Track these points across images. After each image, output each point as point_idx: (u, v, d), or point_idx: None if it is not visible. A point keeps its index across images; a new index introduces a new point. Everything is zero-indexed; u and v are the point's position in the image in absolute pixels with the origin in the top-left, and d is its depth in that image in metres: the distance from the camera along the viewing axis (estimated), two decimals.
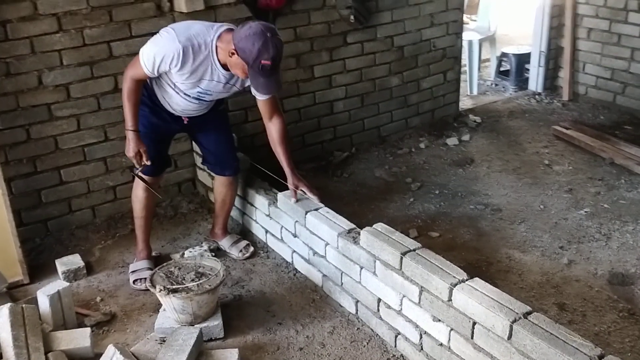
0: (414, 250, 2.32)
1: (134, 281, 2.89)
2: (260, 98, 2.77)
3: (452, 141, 4.46)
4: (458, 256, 3.04)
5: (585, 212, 3.44)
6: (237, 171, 3.11)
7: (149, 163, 2.72)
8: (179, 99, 2.75)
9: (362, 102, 4.35)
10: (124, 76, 2.68)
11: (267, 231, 3.20)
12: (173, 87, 2.70)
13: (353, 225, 2.64)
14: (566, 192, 3.67)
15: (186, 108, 2.81)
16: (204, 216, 3.55)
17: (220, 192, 3.13)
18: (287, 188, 3.02)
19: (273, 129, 2.89)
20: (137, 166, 2.76)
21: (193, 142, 3.65)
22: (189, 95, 2.73)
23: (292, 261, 3.03)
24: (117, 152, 3.44)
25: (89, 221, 3.47)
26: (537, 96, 5.30)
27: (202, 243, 3.23)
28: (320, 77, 4.10)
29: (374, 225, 2.52)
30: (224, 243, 3.18)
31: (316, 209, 2.80)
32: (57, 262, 3.02)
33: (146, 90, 2.79)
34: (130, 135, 2.68)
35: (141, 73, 2.63)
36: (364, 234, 2.47)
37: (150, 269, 2.86)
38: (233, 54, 2.50)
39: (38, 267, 3.06)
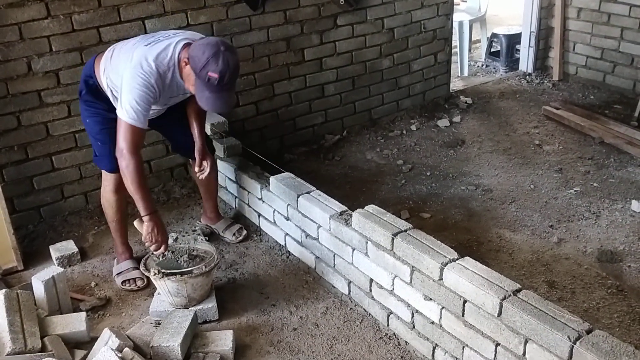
0: (405, 231, 2.34)
1: (123, 282, 2.81)
2: (204, 108, 2.62)
3: (443, 123, 4.47)
4: (449, 236, 3.08)
5: (575, 191, 3.48)
6: (212, 152, 3.04)
7: (166, 253, 2.59)
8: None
9: (353, 84, 4.35)
10: (121, 154, 2.44)
11: (260, 215, 3.22)
12: None
13: (345, 208, 2.66)
14: (556, 172, 3.71)
15: (154, 113, 2.71)
16: (196, 201, 3.56)
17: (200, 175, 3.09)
18: (279, 172, 3.03)
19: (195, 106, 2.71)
20: (154, 254, 2.58)
21: None
22: (159, 105, 2.68)
23: (285, 244, 3.05)
24: None
25: (81, 207, 3.48)
26: (527, 77, 5.31)
27: (195, 227, 3.24)
28: (311, 60, 4.10)
29: (366, 207, 2.54)
30: (218, 226, 3.19)
31: (308, 192, 2.81)
32: (51, 248, 3.03)
33: (98, 95, 2.67)
34: (152, 220, 2.50)
35: (140, 134, 2.46)
36: (356, 216, 2.49)
37: (136, 267, 2.80)
38: (186, 63, 2.43)
39: (32, 253, 3.08)
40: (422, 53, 4.62)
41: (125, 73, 2.45)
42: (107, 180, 2.79)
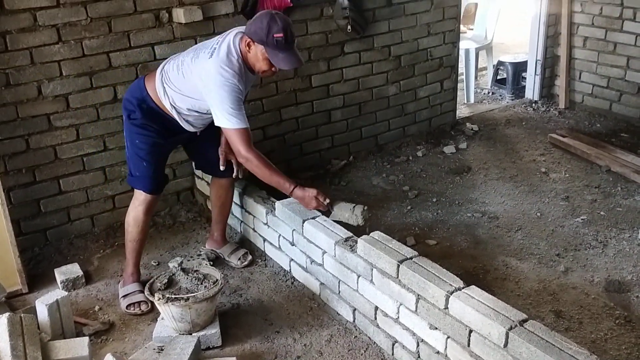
0: (411, 258, 2.33)
1: (127, 306, 2.80)
2: (284, 68, 2.71)
3: (449, 149, 4.48)
4: (455, 264, 3.06)
5: (582, 219, 3.46)
6: (232, 173, 3.07)
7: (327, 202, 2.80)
8: (198, 115, 2.80)
9: (360, 110, 4.38)
10: (245, 158, 2.67)
11: (265, 239, 3.21)
12: (206, 112, 2.74)
13: (350, 234, 2.65)
14: (563, 200, 3.69)
15: (201, 122, 2.85)
16: (202, 225, 3.57)
17: (219, 196, 3.13)
18: (285, 196, 3.04)
19: None
20: (322, 207, 2.80)
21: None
22: (206, 113, 2.78)
23: (290, 269, 3.04)
24: (115, 161, 3.47)
25: (87, 230, 3.48)
26: (533, 104, 5.33)
27: (200, 252, 3.24)
28: (318, 87, 4.13)
29: (371, 234, 2.53)
30: (223, 251, 3.19)
31: (314, 218, 2.81)
32: (56, 271, 3.03)
33: (153, 117, 2.77)
34: (308, 191, 2.75)
35: (247, 133, 2.64)
36: (361, 242, 2.48)
37: (142, 291, 2.79)
38: (249, 45, 2.59)
39: (37, 276, 3.08)
40: (429, 80, 4.65)
41: (210, 89, 2.59)
42: (141, 200, 2.83)
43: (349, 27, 4.01)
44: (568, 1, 5.02)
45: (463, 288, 2.16)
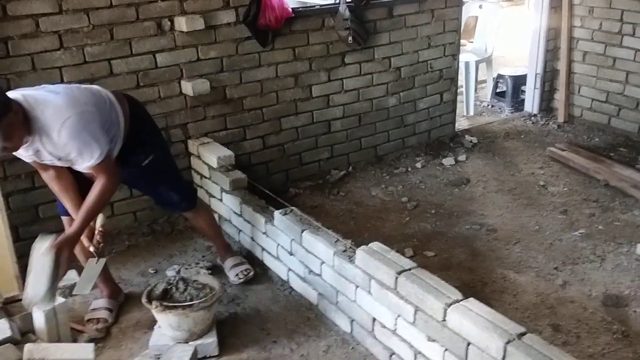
0: (409, 269, 2.33)
1: (87, 320, 2.72)
2: None
3: (448, 161, 4.49)
4: (453, 276, 3.05)
5: (580, 233, 3.46)
6: (189, 207, 2.96)
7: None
8: None
9: (360, 121, 4.39)
10: (112, 189, 2.46)
11: (263, 249, 3.21)
12: None
13: (349, 244, 2.65)
14: (561, 213, 3.70)
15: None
16: (200, 234, 3.56)
17: (195, 224, 3.17)
18: (284, 206, 3.04)
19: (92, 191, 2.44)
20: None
21: (191, 159, 3.69)
22: None
23: (288, 279, 3.03)
24: None
25: None
26: (532, 118, 5.35)
27: (198, 260, 3.23)
28: (318, 97, 4.14)
29: (370, 244, 2.53)
30: (226, 264, 3.13)
31: (312, 227, 2.81)
32: None
33: None
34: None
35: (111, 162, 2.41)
36: (360, 253, 2.48)
37: (109, 309, 2.77)
38: None
39: None
40: (429, 92, 4.67)
41: (70, 134, 2.28)
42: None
43: (350, 38, 4.02)
44: (568, 16, 5.05)
45: (461, 300, 2.15)
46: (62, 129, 2.21)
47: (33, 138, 2.25)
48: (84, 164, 2.32)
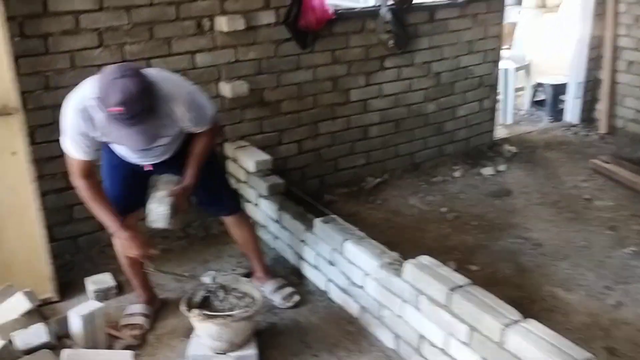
0: (463, 286, 2.21)
1: (123, 326, 2.65)
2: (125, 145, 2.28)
3: (487, 171, 4.35)
4: (499, 292, 2.85)
5: (631, 251, 3.31)
6: (235, 211, 2.82)
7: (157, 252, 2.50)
8: (125, 151, 2.44)
9: (397, 127, 4.28)
10: (75, 184, 2.39)
11: (300, 257, 3.11)
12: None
13: (396, 256, 2.54)
14: (609, 229, 3.55)
15: (139, 159, 2.48)
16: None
17: (233, 233, 2.91)
18: (323, 214, 2.94)
19: (197, 143, 2.47)
20: (149, 264, 2.54)
21: (227, 162, 3.60)
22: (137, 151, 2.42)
23: (327, 290, 2.93)
24: None
25: None
26: (573, 128, 5.19)
27: (234, 267, 3.14)
28: (356, 102, 4.04)
29: (418, 258, 2.42)
30: (267, 288, 2.90)
31: (356, 237, 2.70)
32: (88, 280, 2.95)
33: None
34: (122, 236, 2.38)
35: (77, 163, 2.31)
36: (409, 267, 2.37)
37: (146, 315, 2.70)
38: None
39: (67, 284, 3.00)
40: (468, 99, 4.54)
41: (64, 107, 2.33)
42: None
43: (391, 41, 3.92)
44: (612, 24, 4.90)
45: (521, 321, 2.03)
46: (187, 95, 2.30)
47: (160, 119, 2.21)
48: (204, 124, 2.40)
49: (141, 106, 2.06)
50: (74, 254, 3.25)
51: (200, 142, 2.46)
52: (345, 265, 2.74)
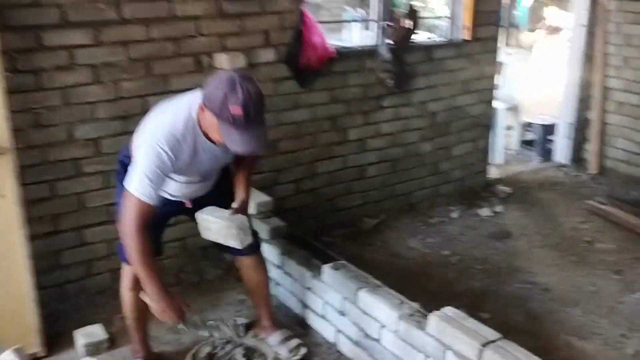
0: (495, 341, 2.09)
1: None
2: (239, 151, 2.14)
3: (484, 212, 4.28)
4: (514, 341, 2.80)
5: None
6: (254, 250, 2.61)
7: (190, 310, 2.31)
8: (178, 185, 2.35)
9: (393, 167, 4.19)
10: (124, 229, 2.12)
11: (305, 305, 2.95)
12: (171, 179, 2.29)
13: (416, 307, 2.40)
14: (615, 273, 3.48)
15: (188, 191, 2.40)
16: (231, 284, 3.29)
17: (248, 276, 2.69)
18: (333, 259, 2.80)
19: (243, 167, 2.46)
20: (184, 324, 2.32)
21: None
22: (191, 182, 2.36)
23: (336, 342, 2.77)
24: None
25: (108, 286, 3.17)
26: (563, 168, 5.18)
27: (234, 316, 2.96)
28: (354, 141, 3.95)
29: (443, 309, 2.29)
30: (273, 340, 2.72)
31: (372, 286, 2.56)
32: (77, 333, 2.74)
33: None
34: (164, 301, 2.17)
35: (142, 208, 2.09)
36: (434, 319, 2.23)
37: None
38: (203, 109, 2.09)
39: (55, 336, 2.77)
40: (463, 139, 4.50)
41: (138, 145, 2.18)
42: (124, 273, 2.46)
43: (391, 81, 3.86)
44: (602, 66, 4.94)
45: None
46: None
47: None
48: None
49: (262, 107, 2.08)
50: (61, 302, 3.03)
51: (245, 166, 2.45)
52: (358, 316, 2.59)
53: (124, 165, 2.29)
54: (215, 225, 2.33)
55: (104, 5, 2.87)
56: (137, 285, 2.31)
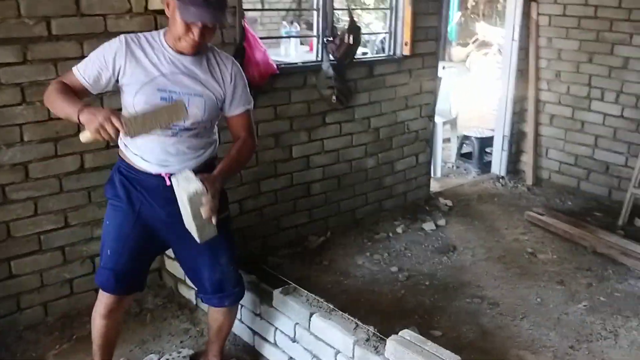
0: None
1: None
2: (194, 21, 2.08)
3: (428, 226, 4.30)
4: (469, 359, 2.79)
5: (584, 306, 3.31)
6: (240, 294, 2.48)
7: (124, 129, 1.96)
8: (149, 138, 2.16)
9: (339, 184, 4.14)
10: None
11: (255, 332, 2.83)
12: (132, 106, 2.17)
13: (372, 331, 2.34)
14: (558, 284, 3.55)
15: (162, 151, 2.21)
16: (174, 313, 3.14)
17: (216, 319, 2.54)
18: (284, 284, 2.70)
19: (236, 144, 2.33)
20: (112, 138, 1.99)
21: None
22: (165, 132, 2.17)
23: None
24: (77, 239, 3.04)
25: (39, 320, 2.98)
26: (501, 180, 5.29)
27: (178, 349, 2.81)
28: (298, 158, 3.87)
29: (401, 333, 2.23)
30: None
31: (324, 309, 2.48)
32: None
33: (128, 176, 2.28)
34: (88, 110, 2.01)
35: (69, 77, 2.20)
36: (392, 344, 2.17)
37: None
38: (168, 4, 2.12)
39: None
40: (405, 153, 4.51)
41: None
42: (99, 299, 2.35)
43: (334, 97, 3.81)
44: (535, 79, 5.09)
45: None
46: (235, 64, 2.30)
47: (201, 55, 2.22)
48: (241, 106, 2.32)
49: None
50: None
51: (237, 145, 2.32)
52: (311, 342, 2.49)
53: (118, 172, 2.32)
54: (184, 210, 2.13)
55: (31, 21, 2.68)
56: (110, 314, 2.34)
